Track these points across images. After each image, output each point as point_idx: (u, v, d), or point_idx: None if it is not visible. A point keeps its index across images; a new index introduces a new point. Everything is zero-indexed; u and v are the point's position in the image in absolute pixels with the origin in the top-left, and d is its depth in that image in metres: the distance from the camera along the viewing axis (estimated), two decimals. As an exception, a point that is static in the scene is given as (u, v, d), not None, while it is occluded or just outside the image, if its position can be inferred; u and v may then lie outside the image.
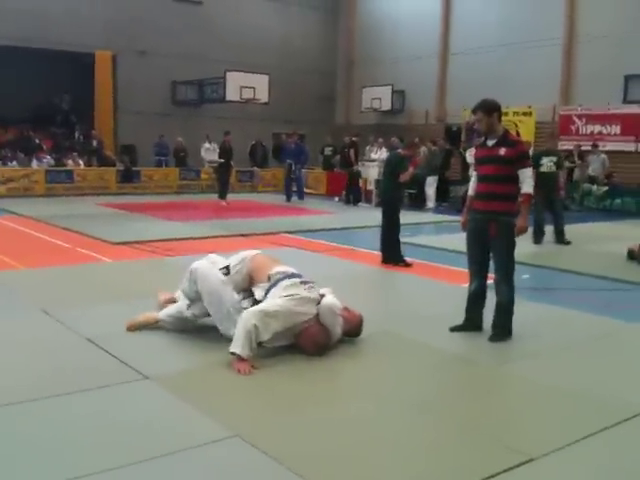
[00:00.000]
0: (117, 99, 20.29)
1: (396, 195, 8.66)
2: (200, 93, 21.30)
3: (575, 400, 3.96)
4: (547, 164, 10.26)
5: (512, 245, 5.16)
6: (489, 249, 5.21)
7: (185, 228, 11.15)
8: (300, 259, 8.45)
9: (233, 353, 4.24)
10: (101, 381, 3.96)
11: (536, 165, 9.32)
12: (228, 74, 19.39)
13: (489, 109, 5.16)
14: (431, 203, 15.43)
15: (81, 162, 18.04)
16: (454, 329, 5.33)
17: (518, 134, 19.23)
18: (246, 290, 4.83)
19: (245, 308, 4.52)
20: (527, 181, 5.10)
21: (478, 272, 5.32)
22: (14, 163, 17.23)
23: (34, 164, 17.21)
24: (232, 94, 19.57)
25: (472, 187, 5.42)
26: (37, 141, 18.72)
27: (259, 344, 4.37)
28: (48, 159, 17.51)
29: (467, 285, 5.47)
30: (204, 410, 3.60)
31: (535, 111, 18.89)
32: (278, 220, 12.75)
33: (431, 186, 15.64)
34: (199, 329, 4.93)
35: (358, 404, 3.83)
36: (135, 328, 4.93)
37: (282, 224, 12.02)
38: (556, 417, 3.71)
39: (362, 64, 24.65)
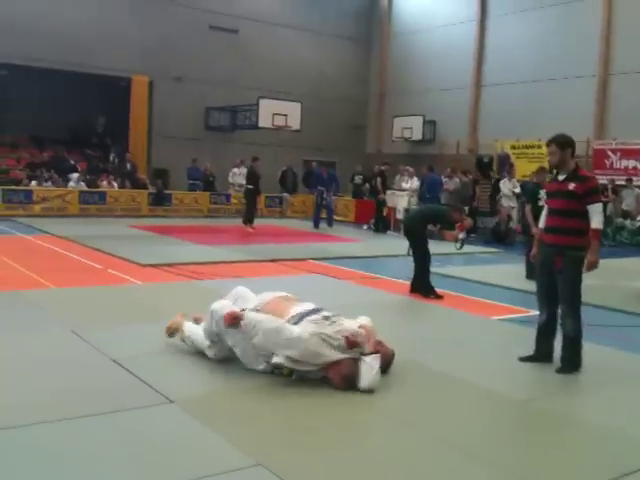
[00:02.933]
0: (152, 123, 20.65)
1: (420, 225, 8.46)
2: (232, 119, 21.59)
3: (607, 440, 3.84)
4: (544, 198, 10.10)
5: (578, 279, 5.21)
6: (556, 282, 5.23)
7: (214, 252, 11.21)
8: (327, 286, 8.46)
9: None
10: (126, 404, 3.96)
11: (533, 199, 9.16)
12: (261, 101, 19.62)
13: (563, 143, 5.27)
14: (461, 234, 15.28)
15: (115, 184, 18.33)
16: (524, 359, 5.36)
17: (551, 167, 19.15)
18: None
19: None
20: (597, 216, 5.15)
21: (546, 304, 5.38)
22: (49, 183, 17.55)
23: (70, 184, 17.51)
24: (264, 121, 19.77)
25: (542, 220, 5.56)
26: (72, 162, 19.07)
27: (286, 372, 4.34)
28: (81, 180, 17.81)
29: (498, 318, 5.40)
30: (228, 437, 3.56)
31: (569, 144, 18.70)
32: (306, 246, 12.75)
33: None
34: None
35: (380, 437, 3.77)
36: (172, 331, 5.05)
37: (310, 250, 12.01)
38: (588, 457, 3.59)
39: (394, 94, 24.79)
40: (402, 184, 17.53)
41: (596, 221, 5.14)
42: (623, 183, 16.88)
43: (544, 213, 5.56)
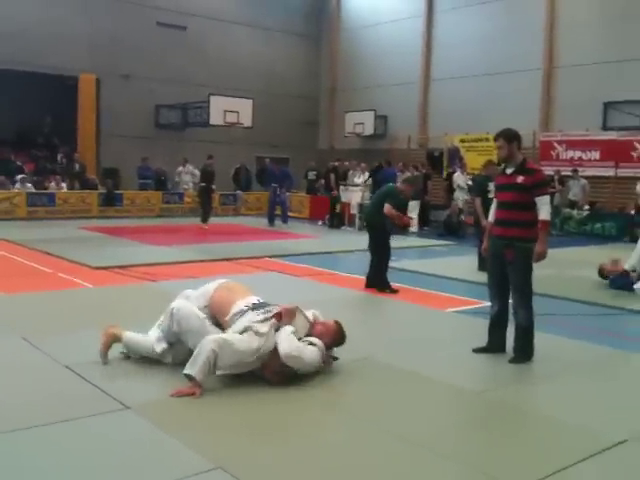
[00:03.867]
0: (100, 122, 20.25)
1: (384, 220, 8.39)
2: (184, 117, 21.36)
3: (559, 429, 3.95)
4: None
5: (529, 270, 5.33)
6: (507, 274, 5.34)
7: (167, 252, 11.08)
8: (283, 284, 8.46)
9: (188, 375, 4.22)
10: (82, 411, 3.89)
11: (482, 192, 9.35)
12: (212, 98, 19.47)
13: (510, 137, 5.38)
14: (414, 228, 15.50)
15: (64, 185, 17.92)
16: (477, 350, 5.46)
17: (499, 160, 19.53)
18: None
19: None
20: (544, 208, 5.26)
21: (498, 296, 5.47)
22: (-6, 186, 17.05)
23: (16, 186, 17.04)
24: (216, 118, 19.63)
25: (492, 213, 5.65)
26: (19, 164, 18.55)
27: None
28: (27, 182, 17.34)
29: (453, 310, 5.49)
30: (186, 441, 3.54)
31: (516, 137, 19.09)
32: (261, 244, 12.72)
33: (414, 210, 15.71)
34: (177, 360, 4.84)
35: (337, 433, 3.80)
36: (106, 349, 4.79)
37: (265, 248, 12.00)
38: (541, 446, 3.69)
39: (345, 89, 24.88)
40: (354, 179, 17.63)
41: (544, 213, 5.27)
42: (569, 174, 17.32)
43: (493, 206, 5.67)
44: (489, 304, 5.67)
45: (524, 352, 5.29)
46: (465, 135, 20.49)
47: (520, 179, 5.30)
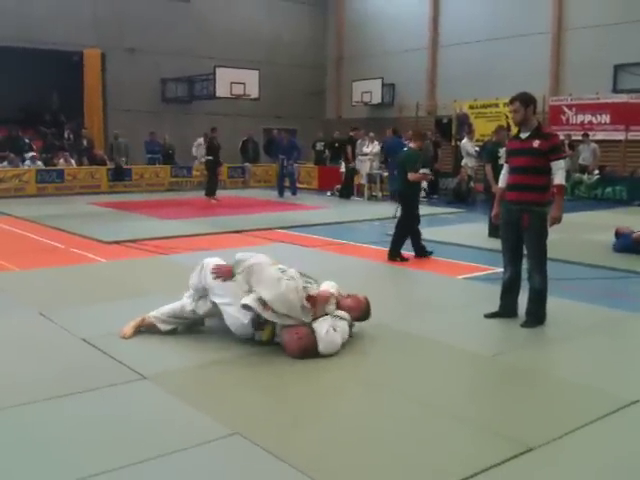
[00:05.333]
0: (106, 97, 20.20)
1: (410, 189, 8.39)
2: (190, 90, 21.25)
3: (573, 390, 3.99)
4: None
5: (544, 235, 5.32)
6: (522, 239, 5.33)
7: (178, 226, 11.12)
8: (294, 255, 8.45)
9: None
10: (99, 382, 3.96)
11: (493, 158, 9.30)
12: (218, 70, 19.33)
13: (526, 101, 5.31)
14: (422, 195, 15.42)
15: (72, 161, 17.95)
16: (489, 316, 5.48)
17: (509, 126, 19.37)
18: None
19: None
20: (559, 172, 5.22)
21: (512, 261, 5.47)
22: (4, 163, 17.10)
23: (26, 164, 17.09)
24: (222, 90, 19.51)
25: (503, 179, 5.59)
26: (27, 141, 18.57)
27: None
28: (37, 159, 17.38)
29: (464, 277, 5.50)
30: (203, 409, 3.60)
31: (526, 102, 18.90)
32: (272, 216, 12.74)
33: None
34: (193, 330, 4.91)
35: (357, 399, 3.85)
36: (131, 334, 4.82)
37: (276, 220, 12.01)
38: (555, 407, 3.73)
39: (352, 58, 24.62)
40: (363, 149, 17.52)
41: (559, 177, 5.23)
42: (579, 138, 17.15)
43: (504, 172, 5.63)
44: (500, 270, 5.68)
45: (537, 316, 5.31)
46: (474, 101, 20.28)
47: (536, 143, 5.25)
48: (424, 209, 13.97)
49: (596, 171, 16.63)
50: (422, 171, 8.63)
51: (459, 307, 5.92)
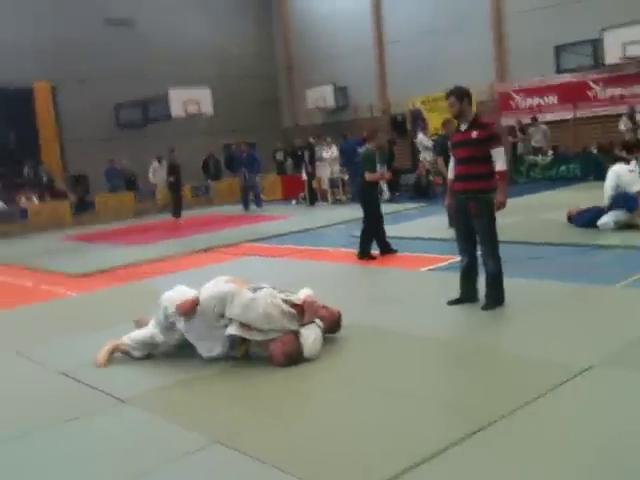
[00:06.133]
0: (61, 129, 20.13)
1: (368, 189, 8.61)
2: (144, 113, 21.26)
3: (528, 364, 4.22)
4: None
5: (492, 220, 5.56)
6: (473, 226, 5.58)
7: (146, 250, 11.20)
8: (265, 266, 8.64)
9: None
10: (80, 410, 4.09)
11: (443, 150, 9.56)
12: (171, 91, 19.44)
13: (461, 95, 5.60)
14: (386, 194, 15.71)
15: (34, 198, 17.87)
16: (451, 303, 5.70)
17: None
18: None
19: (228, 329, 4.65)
20: (500, 159, 5.48)
21: (466, 248, 5.72)
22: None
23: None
24: (177, 110, 19.62)
25: (451, 170, 5.84)
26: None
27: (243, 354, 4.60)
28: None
29: (427, 268, 5.71)
30: (182, 424, 3.75)
31: (474, 91, 19.31)
32: (239, 230, 12.88)
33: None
34: (163, 353, 5.01)
35: (333, 396, 4.05)
36: (105, 361, 4.93)
37: (243, 233, 12.17)
38: (510, 382, 3.97)
39: (301, 65, 24.90)
40: (322, 154, 17.75)
41: (500, 163, 5.49)
42: (529, 122, 17.59)
43: (451, 163, 5.87)
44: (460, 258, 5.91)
45: (495, 298, 5.55)
46: (425, 96, 20.63)
47: (474, 134, 5.52)
48: (387, 207, 14.34)
49: (550, 152, 17.08)
50: (379, 171, 8.86)
51: (423, 298, 6.15)
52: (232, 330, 4.62)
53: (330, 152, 17.50)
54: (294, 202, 17.76)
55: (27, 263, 10.85)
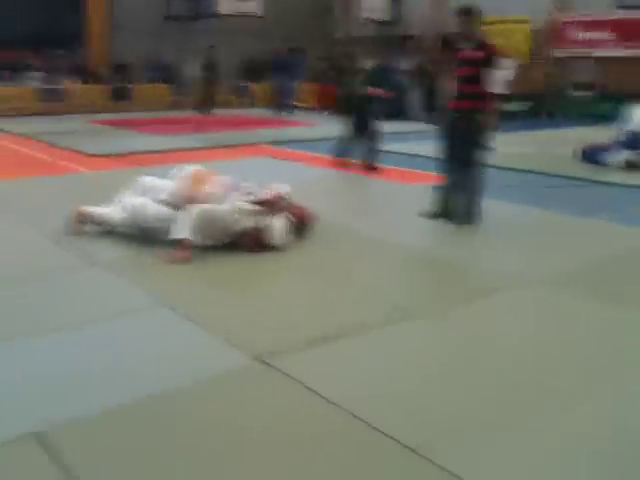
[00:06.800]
0: (111, 17, 20.14)
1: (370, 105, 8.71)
2: (194, 7, 21.02)
3: (472, 273, 4.48)
4: None
5: (480, 139, 5.63)
6: (460, 145, 5.64)
7: (167, 141, 11.46)
8: (269, 166, 8.83)
9: (179, 239, 4.61)
10: (54, 267, 4.52)
11: None
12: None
13: (472, 14, 5.57)
14: (416, 113, 15.51)
15: (77, 82, 18.17)
16: (429, 216, 5.83)
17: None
18: None
19: None
20: (496, 83, 5.52)
21: (452, 166, 5.81)
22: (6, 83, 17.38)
23: (27, 84, 17.37)
24: (225, 7, 19.38)
25: (453, 88, 5.82)
26: (29, 63, 18.75)
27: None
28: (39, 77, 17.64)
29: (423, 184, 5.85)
30: (138, 284, 4.12)
31: (532, 19, 18.57)
32: (263, 132, 13.03)
33: (417, 96, 15.76)
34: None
35: (282, 280, 4.40)
36: (78, 229, 5.21)
37: (265, 135, 12.32)
38: (448, 285, 4.26)
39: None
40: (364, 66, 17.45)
41: (494, 85, 5.51)
42: (579, 55, 16.90)
43: (454, 82, 5.80)
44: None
45: (469, 216, 5.68)
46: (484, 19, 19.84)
47: (478, 54, 5.50)
48: (420, 126, 14.22)
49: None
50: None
51: (406, 210, 6.28)
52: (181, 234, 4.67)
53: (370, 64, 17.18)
54: (326, 113, 17.64)
55: (53, 140, 11.24)
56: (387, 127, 8.93)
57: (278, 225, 4.94)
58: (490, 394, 2.82)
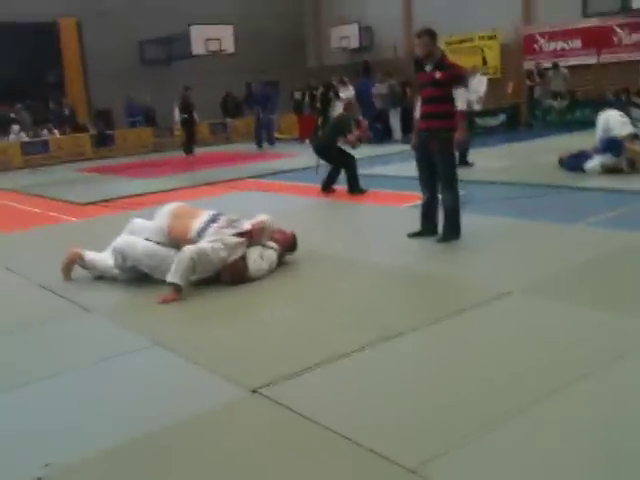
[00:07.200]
0: (86, 64, 20.41)
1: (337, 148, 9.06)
2: (167, 50, 21.36)
3: (455, 287, 4.60)
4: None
5: (451, 156, 5.82)
6: (434, 163, 5.80)
7: (152, 183, 11.59)
8: (253, 200, 8.98)
9: (171, 283, 4.73)
10: (48, 316, 4.60)
11: None
12: (192, 28, 19.48)
13: (433, 35, 5.79)
14: (397, 135, 15.79)
15: (56, 132, 18.35)
16: (411, 235, 5.99)
17: (485, 60, 19.52)
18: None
19: None
20: (460, 99, 5.69)
21: (427, 185, 5.95)
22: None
23: (11, 138, 17.52)
24: (198, 48, 19.71)
25: (417, 110, 6.03)
26: (12, 115, 18.92)
27: None
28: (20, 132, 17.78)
29: (408, 205, 6.00)
30: (128, 327, 4.21)
31: (500, 34, 19.02)
32: (245, 167, 13.19)
33: (395, 118, 16.02)
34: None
35: (274, 309, 4.50)
36: (68, 271, 5.34)
37: (248, 170, 12.48)
38: (434, 301, 4.35)
39: (326, 2, 24.58)
40: (341, 95, 17.78)
41: (460, 103, 5.71)
42: (549, 66, 17.30)
43: (418, 103, 6.04)
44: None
45: (451, 231, 5.82)
46: (449, 37, 20.31)
47: (438, 75, 5.70)
48: (399, 147, 14.44)
49: (567, 97, 16.83)
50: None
51: (386, 231, 6.47)
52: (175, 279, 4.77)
53: (347, 92, 17.52)
54: (308, 141, 17.88)
55: (40, 191, 11.37)
56: (370, 151, 9.21)
57: (252, 257, 5.05)
58: (487, 410, 2.87)
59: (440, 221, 5.96)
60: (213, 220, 5.20)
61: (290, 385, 3.21)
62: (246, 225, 5.22)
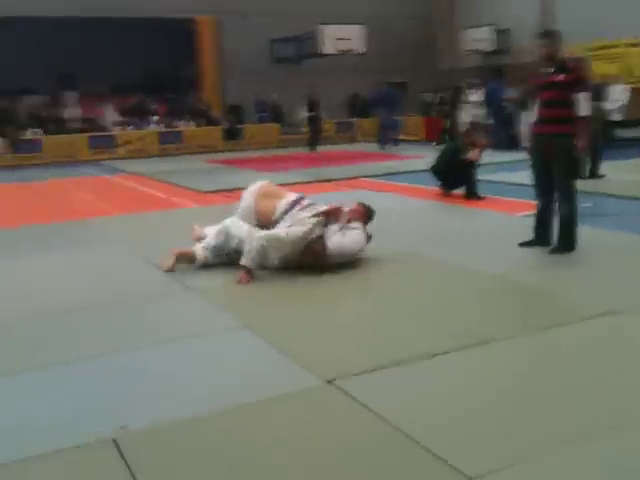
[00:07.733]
0: (222, 61, 21.28)
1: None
2: (298, 49, 21.80)
3: (547, 298, 4.40)
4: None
5: (569, 164, 5.52)
6: (551, 170, 5.56)
7: (272, 177, 11.74)
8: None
9: (243, 266, 4.98)
10: (155, 292, 4.89)
11: None
12: (323, 27, 19.76)
13: (555, 37, 5.60)
14: (525, 142, 15.14)
15: (192, 124, 19.30)
16: (523, 244, 5.78)
17: (629, 68, 18.34)
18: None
19: None
20: (584, 104, 5.41)
21: (542, 192, 5.72)
22: (131, 127, 18.74)
23: (151, 127, 18.63)
24: (328, 47, 19.96)
25: (534, 113, 5.80)
26: (153, 106, 20.14)
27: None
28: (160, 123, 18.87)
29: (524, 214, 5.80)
30: (226, 308, 4.37)
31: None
32: (365, 166, 13.21)
33: (523, 124, 15.39)
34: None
35: (353, 303, 4.50)
36: (171, 264, 5.41)
37: (367, 169, 12.49)
38: (529, 314, 4.13)
39: (461, 4, 24.10)
40: (470, 97, 17.36)
41: (583, 108, 5.38)
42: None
43: (536, 106, 5.75)
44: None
45: (564, 243, 5.51)
46: (591, 43, 19.26)
47: (561, 77, 5.42)
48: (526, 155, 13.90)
49: None
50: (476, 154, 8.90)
51: (500, 239, 6.18)
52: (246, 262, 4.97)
53: (476, 95, 17.06)
54: (434, 144, 17.63)
55: (169, 179, 12.02)
56: (496, 157, 8.96)
57: (329, 234, 5.12)
58: (562, 431, 2.69)
59: (555, 231, 5.66)
60: (297, 202, 5.30)
61: (366, 380, 3.18)
62: (323, 207, 5.28)
